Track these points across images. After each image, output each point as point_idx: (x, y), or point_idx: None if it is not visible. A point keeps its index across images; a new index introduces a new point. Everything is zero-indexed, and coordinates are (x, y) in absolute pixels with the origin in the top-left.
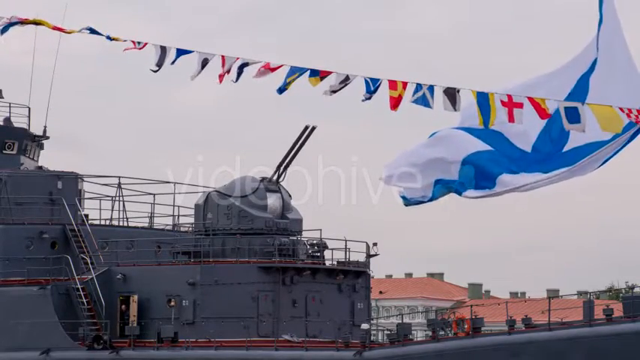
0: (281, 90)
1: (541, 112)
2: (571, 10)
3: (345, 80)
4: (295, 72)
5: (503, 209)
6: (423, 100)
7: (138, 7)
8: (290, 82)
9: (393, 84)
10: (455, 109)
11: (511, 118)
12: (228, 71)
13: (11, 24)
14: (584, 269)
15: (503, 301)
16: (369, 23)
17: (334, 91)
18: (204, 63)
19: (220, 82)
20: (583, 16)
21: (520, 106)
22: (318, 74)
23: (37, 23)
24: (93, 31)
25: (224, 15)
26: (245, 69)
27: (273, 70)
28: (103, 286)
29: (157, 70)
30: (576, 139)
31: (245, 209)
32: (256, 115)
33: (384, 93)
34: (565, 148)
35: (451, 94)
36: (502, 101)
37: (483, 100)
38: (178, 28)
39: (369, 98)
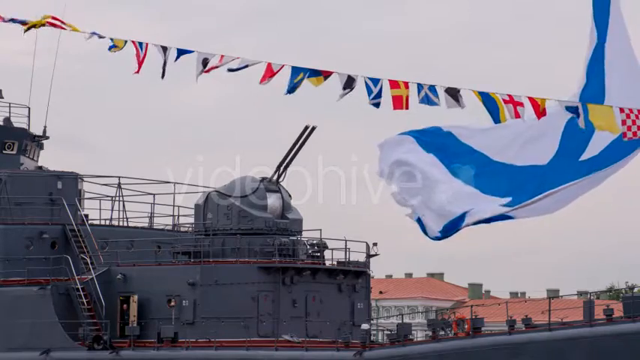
0: (290, 91)
1: (538, 112)
2: (571, 10)
3: (351, 82)
4: (299, 72)
5: None
6: (428, 100)
7: (138, 7)
8: (299, 84)
9: (394, 84)
10: (460, 107)
11: (517, 114)
12: (217, 67)
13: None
14: (584, 269)
15: (504, 301)
16: (369, 23)
17: (345, 94)
18: (205, 63)
19: (208, 71)
20: (583, 16)
21: (521, 105)
22: (320, 74)
23: (40, 25)
24: (95, 35)
25: (224, 16)
26: (244, 69)
27: (275, 73)
28: (103, 286)
29: (163, 73)
30: (594, 147)
31: (245, 209)
32: (256, 115)
33: (384, 93)
34: (582, 157)
35: (453, 94)
36: (504, 99)
37: (487, 98)
38: (179, 28)
39: (377, 104)
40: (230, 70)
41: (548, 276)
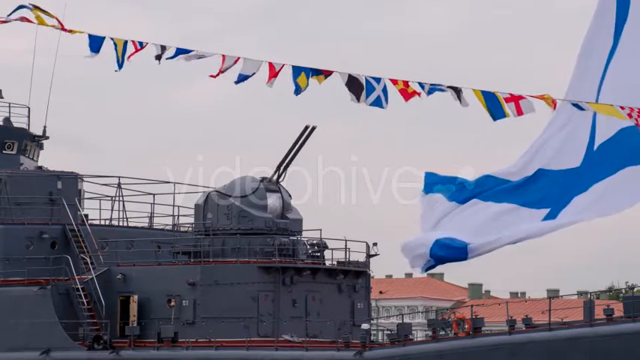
0: (298, 91)
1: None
2: (571, 10)
3: (360, 88)
4: (300, 72)
5: None
6: (434, 90)
7: (138, 7)
8: (304, 85)
9: (395, 82)
10: (461, 104)
11: (519, 111)
12: (223, 71)
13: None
14: (584, 269)
15: (504, 301)
16: (369, 23)
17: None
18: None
19: (215, 76)
20: (583, 16)
21: (523, 97)
22: (320, 73)
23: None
24: (94, 39)
25: (223, 16)
26: (248, 77)
27: (278, 72)
28: (103, 286)
29: (159, 60)
30: (602, 131)
31: (245, 209)
32: (256, 115)
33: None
34: (596, 145)
35: (456, 91)
36: (505, 98)
37: (488, 96)
38: (180, 29)
39: (382, 106)
40: (237, 82)
41: (548, 276)
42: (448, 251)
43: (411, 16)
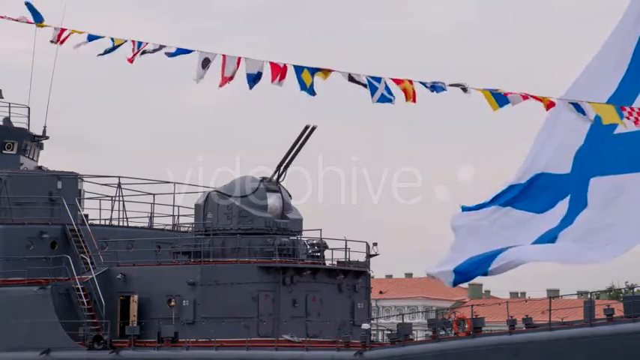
0: (304, 88)
1: (542, 102)
2: (572, 10)
3: (363, 87)
4: (302, 70)
5: None
6: (436, 88)
7: (139, 7)
8: (309, 82)
9: (397, 82)
10: (466, 92)
11: (524, 97)
12: (232, 77)
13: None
14: (584, 269)
15: (504, 301)
16: (369, 23)
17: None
18: (205, 63)
19: (222, 85)
20: (584, 16)
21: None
22: (320, 72)
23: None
24: (92, 38)
25: (224, 15)
26: (256, 76)
27: (283, 70)
28: (103, 286)
29: (145, 53)
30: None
31: (245, 209)
32: (256, 115)
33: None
34: (617, 131)
35: (458, 86)
36: (505, 93)
37: (494, 92)
38: (181, 29)
39: (390, 100)
40: (251, 87)
41: (548, 276)
42: (467, 274)
43: (411, 16)
